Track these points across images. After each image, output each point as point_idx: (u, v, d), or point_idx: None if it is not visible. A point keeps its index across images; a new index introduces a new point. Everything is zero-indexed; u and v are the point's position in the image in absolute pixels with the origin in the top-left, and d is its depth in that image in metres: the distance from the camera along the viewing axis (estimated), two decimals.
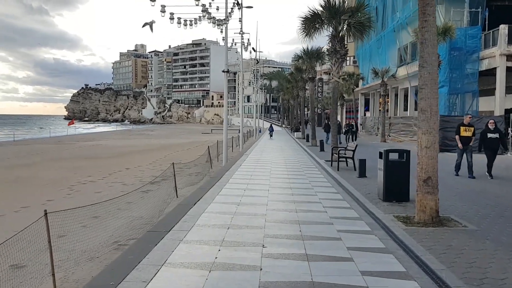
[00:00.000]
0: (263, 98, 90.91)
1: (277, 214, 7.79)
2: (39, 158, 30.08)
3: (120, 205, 11.70)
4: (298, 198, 9.42)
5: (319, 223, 7.22)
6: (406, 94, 38.25)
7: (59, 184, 18.52)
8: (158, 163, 26.28)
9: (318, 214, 7.92)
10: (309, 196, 9.80)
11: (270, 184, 11.36)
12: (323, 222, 7.29)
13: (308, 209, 8.31)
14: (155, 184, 16.25)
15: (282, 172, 14.22)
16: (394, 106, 42.49)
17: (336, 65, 17.79)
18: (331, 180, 12.58)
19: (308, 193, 10.16)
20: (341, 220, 7.46)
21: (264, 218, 7.42)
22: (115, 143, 48.80)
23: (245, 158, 19.67)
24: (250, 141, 40.00)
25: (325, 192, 10.33)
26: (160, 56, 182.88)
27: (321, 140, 24.27)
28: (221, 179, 12.26)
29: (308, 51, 28.83)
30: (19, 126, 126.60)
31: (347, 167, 15.39)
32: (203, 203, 8.64)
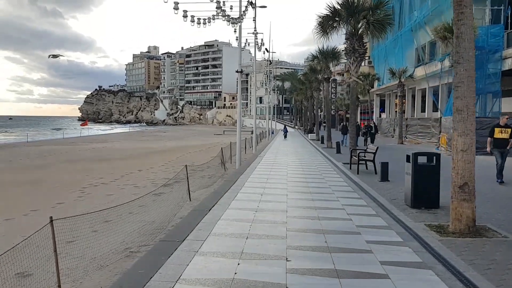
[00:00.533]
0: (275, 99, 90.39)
1: (299, 222, 7.23)
2: (51, 160, 29.90)
3: (132, 209, 11.27)
4: (320, 204, 8.84)
5: (346, 232, 6.65)
6: (424, 95, 37.36)
7: (70, 186, 18.19)
8: (171, 164, 25.89)
9: (343, 222, 7.34)
10: (331, 201, 9.22)
11: (288, 188, 10.80)
12: (349, 231, 6.71)
13: (331, 216, 7.74)
14: (168, 187, 15.82)
15: (300, 175, 13.65)
16: (411, 107, 41.59)
17: (354, 64, 17.17)
18: (351, 184, 11.97)
19: (330, 198, 9.58)
20: (368, 229, 6.87)
21: (285, 226, 6.86)
22: (128, 144, 48.66)
23: (260, 161, 19.14)
24: (263, 142, 39.45)
25: (347, 198, 9.73)
26: (173, 58, 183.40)
27: (338, 142, 23.61)
28: (236, 183, 11.74)
29: (324, 51, 28.20)
30: (33, 127, 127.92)
31: (367, 171, 14.76)
32: (218, 209, 8.12)
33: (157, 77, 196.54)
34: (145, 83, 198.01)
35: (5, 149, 41.21)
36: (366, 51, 17.47)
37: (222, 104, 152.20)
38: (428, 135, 33.70)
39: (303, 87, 54.65)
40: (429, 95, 35.11)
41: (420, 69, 34.84)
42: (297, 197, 9.62)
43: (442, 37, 23.50)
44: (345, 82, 47.84)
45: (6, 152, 37.78)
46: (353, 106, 17.50)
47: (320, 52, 28.31)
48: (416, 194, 8.52)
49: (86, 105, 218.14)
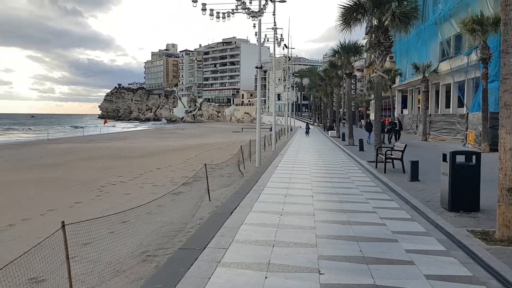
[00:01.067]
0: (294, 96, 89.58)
1: (328, 227, 6.66)
2: (70, 158, 29.89)
3: (150, 209, 10.85)
4: (348, 207, 8.25)
5: (381, 239, 6.05)
6: (448, 90, 36.20)
7: (89, 185, 17.94)
8: (190, 162, 25.51)
9: (376, 227, 6.74)
10: (360, 204, 8.61)
11: (313, 189, 10.23)
12: (385, 238, 6.12)
13: (363, 220, 7.15)
14: (187, 186, 15.39)
15: (324, 175, 13.06)
16: (434, 103, 40.42)
17: (379, 58, 16.45)
18: (379, 184, 11.33)
19: (358, 200, 8.97)
20: (406, 236, 6.26)
21: (314, 232, 6.31)
22: (147, 142, 48.63)
23: (280, 159, 18.59)
24: (282, 140, 38.85)
25: (377, 199, 9.11)
26: (191, 55, 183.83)
27: (361, 139, 22.86)
28: (258, 183, 11.22)
29: (345, 45, 27.40)
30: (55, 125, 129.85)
31: (394, 169, 14.07)
32: (240, 212, 7.61)
33: (175, 75, 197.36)
34: (164, 80, 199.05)
35: (26, 147, 41.57)
36: (392, 44, 16.73)
37: (240, 101, 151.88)
38: (453, 131, 32.63)
39: (322, 83, 53.82)
40: (454, 90, 33.98)
41: (445, 64, 33.74)
42: (323, 199, 9.05)
43: (470, 29, 22.49)
44: (371, 77, 46.70)
45: (27, 150, 38.08)
46: (378, 102, 16.78)
47: (341, 47, 27.51)
48: (454, 196, 7.86)
49: (106, 103, 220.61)
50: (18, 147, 41.69)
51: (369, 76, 68.57)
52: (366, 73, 77.24)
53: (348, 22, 17.07)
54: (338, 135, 38.46)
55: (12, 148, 40.88)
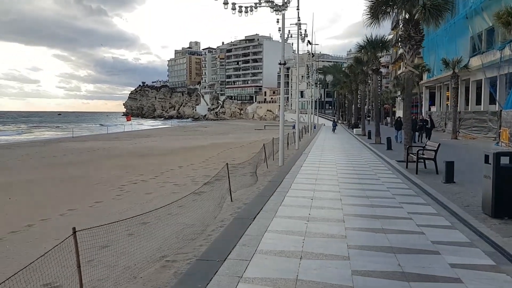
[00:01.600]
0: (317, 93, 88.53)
1: (361, 236, 6.08)
2: (93, 155, 29.94)
3: (171, 209, 10.45)
4: (381, 212, 7.63)
5: (421, 251, 5.44)
6: (479, 86, 34.83)
7: (110, 183, 17.73)
8: (212, 161, 25.15)
9: (414, 236, 6.12)
10: (394, 208, 7.98)
11: (341, 192, 9.62)
12: (425, 250, 5.50)
13: (398, 228, 6.53)
14: (208, 185, 14.98)
15: (351, 176, 12.42)
16: (464, 99, 39.02)
17: (410, 53, 15.64)
18: (412, 186, 10.63)
19: (391, 204, 8.33)
20: (448, 247, 5.63)
21: (345, 242, 5.74)
22: (169, 139, 48.63)
23: (305, 158, 17.99)
24: (305, 138, 38.16)
25: (412, 203, 8.45)
26: (214, 53, 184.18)
27: (388, 138, 22.03)
28: (282, 184, 10.68)
29: (372, 40, 26.52)
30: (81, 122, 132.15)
31: (426, 170, 13.32)
32: (264, 217, 7.09)
33: (198, 73, 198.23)
34: (187, 78, 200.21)
35: (51, 145, 42.07)
36: (423, 38, 15.89)
37: (262, 99, 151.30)
38: (484, 129, 31.40)
39: (347, 80, 52.81)
40: (485, 87, 32.64)
41: (476, 59, 32.44)
42: (353, 203, 8.45)
43: (505, 22, 21.42)
44: (398, 73, 45.43)
45: (52, 147, 38.49)
46: (408, 98, 15.97)
47: (368, 42, 26.63)
48: (499, 201, 7.16)
49: (130, 101, 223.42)
50: (44, 145, 42.23)
51: (395, 72, 67.01)
52: (391, 70, 75.54)
53: (376, 15, 16.31)
54: (363, 133, 37.53)
55: (38, 145, 41.42)
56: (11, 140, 53.47)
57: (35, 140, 52.92)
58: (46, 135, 64.97)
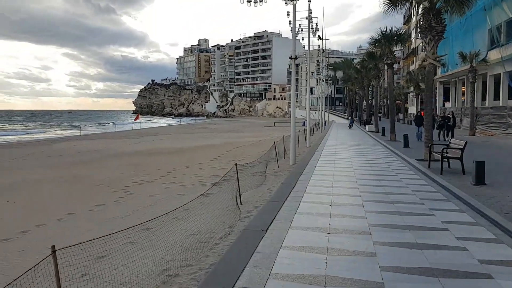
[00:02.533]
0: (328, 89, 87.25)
1: (393, 254, 5.15)
2: (100, 154, 29.27)
3: (175, 213, 9.62)
4: (411, 221, 6.69)
5: (469, 274, 4.50)
6: (497, 81, 33.50)
7: (114, 184, 16.97)
8: (220, 159, 24.32)
9: (456, 254, 5.18)
10: (425, 217, 7.02)
11: (362, 196, 8.67)
12: (474, 272, 4.56)
13: (435, 242, 5.58)
14: (216, 186, 14.13)
15: (371, 177, 11.45)
16: (481, 95, 37.68)
17: (431, 44, 14.62)
18: (439, 188, 9.65)
19: (420, 211, 7.38)
20: (499, 267, 4.69)
21: (376, 261, 4.82)
22: (178, 137, 47.92)
23: (318, 157, 17.06)
24: (316, 135, 37.17)
25: (444, 210, 7.49)
26: (223, 50, 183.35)
27: (405, 135, 20.95)
28: (296, 187, 9.76)
29: (387, 33, 25.40)
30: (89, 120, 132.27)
31: (451, 170, 12.32)
32: (278, 228, 6.19)
33: (207, 70, 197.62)
34: (196, 76, 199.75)
35: (58, 143, 41.58)
36: (445, 29, 14.83)
37: (272, 96, 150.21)
38: (503, 125, 30.16)
39: (358, 75, 51.58)
40: (504, 81, 31.34)
41: (495, 52, 31.10)
42: (377, 209, 7.51)
43: None
44: (420, 65, 44.06)
45: (58, 146, 37.96)
46: (428, 93, 14.92)
47: (382, 35, 25.51)
48: None
49: (139, 98, 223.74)
50: (51, 143, 41.76)
51: (407, 68, 65.61)
52: (403, 65, 74.04)
53: (394, 2, 15.33)
54: (376, 129, 36.43)
55: (44, 144, 40.96)
56: (19, 139, 53.13)
57: (42, 139, 52.57)
58: (53, 134, 64.62)
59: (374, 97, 42.02)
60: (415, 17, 57.31)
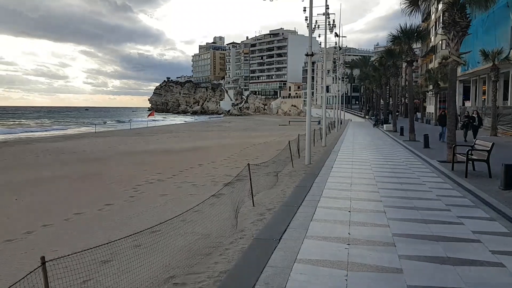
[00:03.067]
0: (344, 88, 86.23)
1: (422, 270, 4.60)
2: (113, 152, 29.08)
3: (185, 215, 9.19)
4: (438, 230, 6.11)
5: None
6: None
7: (125, 182, 16.63)
8: (233, 158, 23.87)
9: (494, 270, 4.61)
10: (453, 226, 6.43)
11: (383, 201, 8.10)
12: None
13: (468, 257, 5.01)
14: (228, 186, 13.68)
15: (391, 180, 10.84)
16: (502, 94, 36.52)
17: (455, 41, 13.90)
18: (465, 193, 9.02)
19: (448, 219, 6.79)
20: None
21: (403, 279, 4.28)
22: (191, 135, 47.67)
23: (334, 158, 16.49)
24: (332, 134, 36.48)
25: (473, 218, 6.89)
26: (238, 48, 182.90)
27: (426, 135, 20.20)
28: (312, 190, 9.23)
29: (407, 30, 24.60)
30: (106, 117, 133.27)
31: (475, 172, 11.65)
32: (292, 238, 5.69)
33: (222, 68, 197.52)
34: (211, 73, 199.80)
35: (73, 140, 41.65)
36: (469, 24, 14.10)
37: (287, 94, 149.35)
38: None
39: (376, 73, 50.66)
40: None
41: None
42: (400, 216, 6.94)
43: None
44: (440, 63, 42.99)
45: (72, 143, 37.98)
46: (451, 91, 14.21)
47: (402, 32, 24.72)
48: None
49: (155, 96, 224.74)
50: (65, 140, 41.87)
51: (426, 66, 64.30)
52: (421, 64, 72.61)
53: (416, 1, 14.66)
54: (394, 129, 35.59)
55: (59, 141, 41.07)
56: (34, 136, 53.48)
57: (58, 135, 52.83)
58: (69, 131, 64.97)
59: (392, 96, 41.08)
60: (434, 14, 56.05)
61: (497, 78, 29.78)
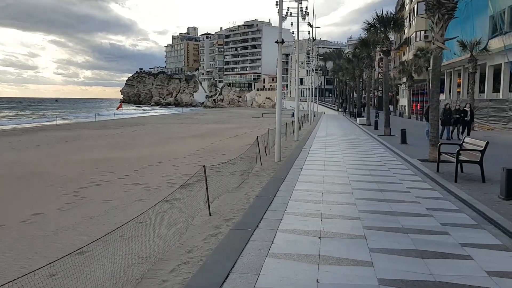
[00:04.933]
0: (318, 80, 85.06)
1: None
2: (68, 146, 26.72)
3: (125, 228, 7.31)
4: (440, 270, 4.42)
5: None
6: (497, 72, 31.52)
7: (68, 184, 14.56)
8: (199, 154, 22.01)
9: None
10: (459, 262, 4.74)
11: (362, 219, 6.38)
12: None
13: None
14: (186, 188, 11.83)
15: (370, 185, 9.18)
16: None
17: (439, 25, 12.35)
18: (460, 205, 7.42)
19: (450, 250, 5.10)
20: None
21: None
22: (159, 128, 45.38)
23: (306, 155, 14.84)
24: (305, 128, 34.97)
25: (481, 247, 5.25)
26: (212, 39, 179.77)
27: (403, 130, 18.75)
28: (273, 204, 7.46)
29: (383, 17, 23.06)
30: (75, 109, 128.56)
31: (464, 175, 10.16)
32: (254, 255, 3.91)
33: (196, 59, 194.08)
34: (184, 65, 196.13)
35: (30, 133, 38.81)
36: (456, 6, 12.57)
37: (261, 86, 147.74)
38: (503, 119, 28.38)
39: (349, 65, 49.36)
40: (505, 72, 29.37)
41: (497, 41, 29.05)
42: (388, 247, 5.18)
43: None
44: (415, 55, 41.85)
45: (29, 136, 35.23)
46: (435, 82, 12.64)
47: (378, 19, 23.17)
48: None
49: (127, 87, 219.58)
50: (22, 133, 38.97)
51: (399, 58, 63.53)
52: (394, 56, 71.87)
53: None
54: (368, 122, 34.30)
55: (15, 134, 38.15)
56: None
57: (16, 128, 49.60)
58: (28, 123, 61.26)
59: (366, 88, 39.81)
60: (408, 5, 55.09)
61: (475, 70, 28.72)
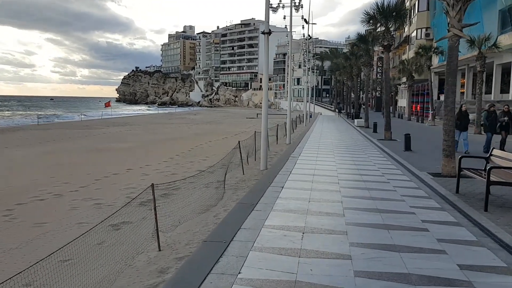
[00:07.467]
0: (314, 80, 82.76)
1: None
2: (38, 149, 24.28)
3: (43, 267, 4.94)
4: None
5: None
6: (507, 71, 29.28)
7: (7, 198, 12.20)
8: (177, 160, 19.67)
9: None
10: None
11: (357, 278, 4.05)
12: None
13: None
14: (145, 206, 9.48)
15: (371, 216, 6.72)
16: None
17: (456, 8, 10.02)
18: (506, 255, 5.07)
19: None
20: None
21: None
22: (147, 129, 42.93)
23: (295, 162, 12.54)
24: (299, 129, 32.64)
25: None
26: (208, 38, 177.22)
27: (407, 134, 16.33)
28: (233, 244, 5.09)
29: (385, 8, 20.68)
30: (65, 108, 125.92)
31: (493, 197, 7.82)
32: None
33: (192, 58, 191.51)
34: (181, 64, 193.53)
35: (6, 133, 36.35)
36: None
37: (258, 86, 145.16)
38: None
39: (346, 64, 46.97)
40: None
41: (506, 37, 26.79)
42: None
43: None
44: (416, 52, 39.41)
45: (5, 136, 32.80)
46: (451, 79, 10.29)
47: (378, 10, 20.76)
48: None
49: (123, 86, 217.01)
50: None
51: (399, 57, 61.23)
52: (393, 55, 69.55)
53: None
54: (366, 124, 31.96)
55: None
56: None
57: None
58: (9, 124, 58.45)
59: (364, 89, 37.48)
60: (409, 1, 52.72)
61: (483, 68, 26.39)
